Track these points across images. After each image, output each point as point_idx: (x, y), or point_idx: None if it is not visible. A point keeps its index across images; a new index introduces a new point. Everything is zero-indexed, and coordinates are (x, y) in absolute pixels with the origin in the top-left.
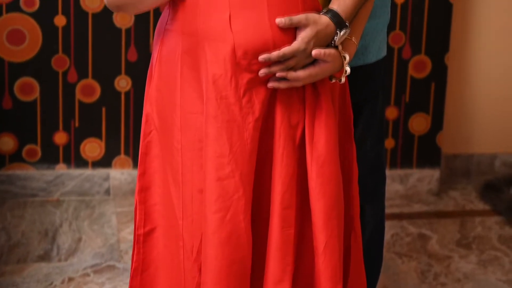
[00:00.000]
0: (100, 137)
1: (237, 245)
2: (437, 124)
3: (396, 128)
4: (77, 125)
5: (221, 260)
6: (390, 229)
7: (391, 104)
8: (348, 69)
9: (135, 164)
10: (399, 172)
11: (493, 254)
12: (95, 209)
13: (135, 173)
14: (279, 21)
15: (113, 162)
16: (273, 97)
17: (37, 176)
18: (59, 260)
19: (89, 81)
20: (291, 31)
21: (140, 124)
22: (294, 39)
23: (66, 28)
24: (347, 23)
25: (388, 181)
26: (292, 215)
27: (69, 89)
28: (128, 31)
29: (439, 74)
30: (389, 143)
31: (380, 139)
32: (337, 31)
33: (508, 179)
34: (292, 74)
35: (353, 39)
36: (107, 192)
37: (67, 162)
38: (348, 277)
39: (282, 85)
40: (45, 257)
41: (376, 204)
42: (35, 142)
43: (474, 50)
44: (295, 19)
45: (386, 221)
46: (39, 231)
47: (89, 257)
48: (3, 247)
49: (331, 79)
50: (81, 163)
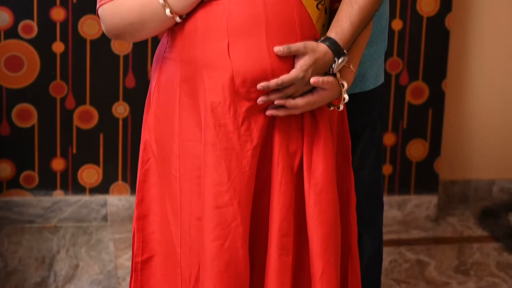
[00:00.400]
0: (97, 163)
1: (235, 273)
2: (434, 150)
3: (394, 154)
4: (74, 151)
5: None
6: (388, 255)
7: (388, 130)
8: (346, 96)
9: (132, 191)
10: (397, 198)
11: (491, 281)
12: (93, 235)
13: (132, 199)
14: (278, 49)
15: (110, 189)
16: (271, 124)
17: (34, 203)
18: (56, 287)
19: (87, 107)
20: (290, 59)
21: (138, 151)
22: (293, 67)
23: (64, 55)
24: (345, 51)
25: (386, 207)
26: (290, 243)
27: (67, 116)
28: (126, 57)
29: (437, 100)
30: (387, 169)
31: (378, 166)
32: (335, 59)
33: (506, 205)
34: (290, 102)
35: (351, 66)
36: (105, 218)
37: (65, 188)
38: None
39: (281, 112)
40: (42, 284)
41: (374, 231)
42: (33, 169)
43: (471, 76)
44: (294, 47)
45: (384, 247)
46: (36, 258)
47: (86, 284)
48: (0, 274)
49: (330, 107)
50: (79, 189)
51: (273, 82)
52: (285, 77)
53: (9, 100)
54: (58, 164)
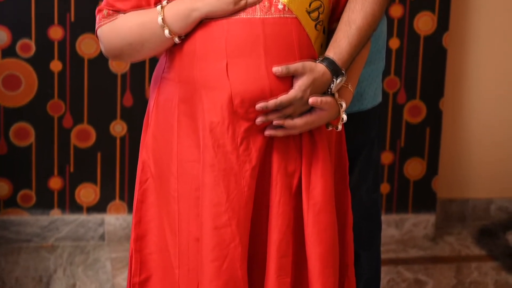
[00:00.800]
0: (95, 182)
1: None
2: (432, 168)
3: (392, 173)
4: (72, 170)
5: None
6: (386, 274)
7: (386, 149)
8: (344, 116)
9: (130, 210)
10: (394, 217)
11: None
12: (90, 254)
13: (130, 218)
14: (276, 69)
15: (108, 207)
16: (270, 145)
17: (31, 222)
18: None
19: (85, 126)
20: (288, 79)
21: (136, 169)
22: (291, 87)
23: (62, 74)
24: (343, 70)
25: (383, 226)
26: (289, 263)
27: (65, 134)
28: (124, 76)
29: (434, 119)
30: (384, 188)
31: (375, 186)
32: (334, 79)
33: (504, 224)
34: (289, 122)
35: (349, 86)
36: (102, 237)
37: (62, 207)
38: None
39: (279, 133)
40: None
41: (372, 251)
42: (30, 187)
43: (469, 95)
44: (292, 67)
45: (381, 267)
46: (33, 277)
47: None
48: None
49: (328, 127)
50: (76, 208)
51: (271, 102)
52: (283, 97)
53: (6, 118)
54: (55, 183)
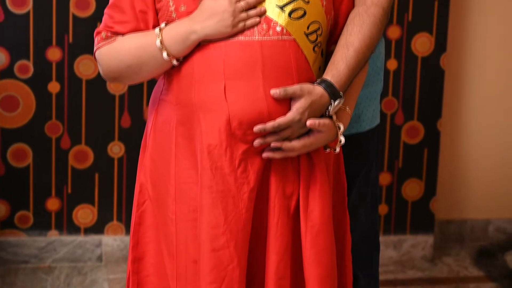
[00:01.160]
0: (92, 203)
1: None
2: (430, 189)
3: (390, 194)
4: (69, 191)
5: None
6: None
7: (384, 170)
8: (342, 139)
9: (127, 231)
10: (392, 238)
11: None
12: (87, 276)
13: (127, 239)
14: (274, 92)
15: (105, 229)
16: (268, 167)
17: (29, 243)
18: None
19: (82, 147)
20: (286, 101)
21: (133, 190)
22: (289, 109)
23: (59, 95)
24: (341, 93)
25: (381, 247)
26: (287, 285)
27: (62, 155)
28: (121, 97)
29: (432, 140)
30: (382, 209)
31: (374, 207)
32: (331, 101)
33: (502, 245)
34: (287, 145)
35: (347, 109)
36: (99, 258)
37: (59, 228)
38: None
39: (277, 155)
40: None
41: (370, 272)
42: (27, 209)
43: (466, 116)
44: (290, 90)
45: None
46: None
47: None
48: None
49: (326, 149)
50: (73, 229)
51: (269, 124)
52: (281, 120)
53: (4, 140)
54: (53, 204)
